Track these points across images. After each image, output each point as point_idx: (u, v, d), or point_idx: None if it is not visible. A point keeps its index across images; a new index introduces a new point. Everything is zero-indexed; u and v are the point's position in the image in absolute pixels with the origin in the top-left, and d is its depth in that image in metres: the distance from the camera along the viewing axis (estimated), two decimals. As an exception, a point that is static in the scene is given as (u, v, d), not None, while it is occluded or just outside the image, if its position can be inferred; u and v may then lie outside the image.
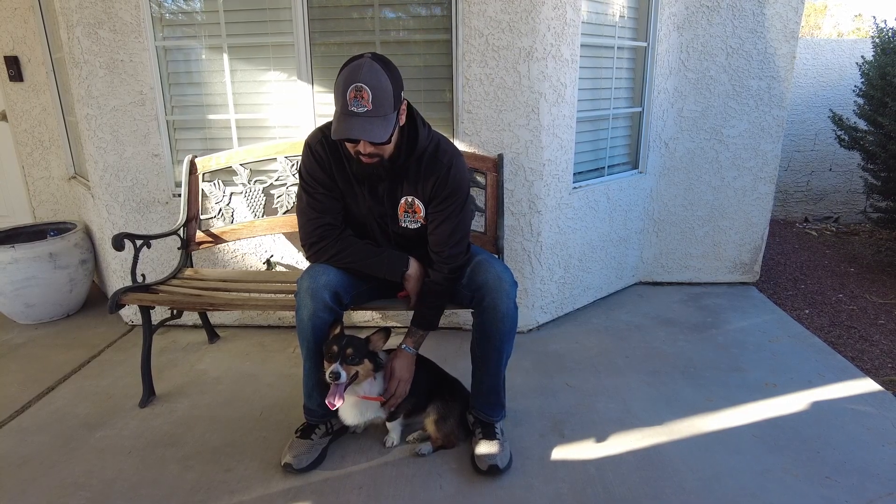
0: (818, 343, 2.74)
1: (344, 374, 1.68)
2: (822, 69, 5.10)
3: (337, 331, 1.80)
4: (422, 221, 1.87)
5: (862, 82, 4.29)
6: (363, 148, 1.67)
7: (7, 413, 2.23)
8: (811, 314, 3.19)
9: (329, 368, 1.68)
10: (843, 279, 3.76)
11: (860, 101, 4.34)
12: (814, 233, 4.93)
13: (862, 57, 4.48)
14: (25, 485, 1.82)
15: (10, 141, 3.60)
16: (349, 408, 1.83)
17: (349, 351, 1.72)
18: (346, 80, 1.59)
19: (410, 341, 1.89)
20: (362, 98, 1.58)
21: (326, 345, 1.76)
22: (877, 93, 4.06)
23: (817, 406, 2.21)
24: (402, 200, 1.85)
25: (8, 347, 2.82)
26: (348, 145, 1.71)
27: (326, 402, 1.70)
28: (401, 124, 1.73)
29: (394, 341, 1.90)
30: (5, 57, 3.35)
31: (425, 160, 1.80)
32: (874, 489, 1.76)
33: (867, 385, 2.35)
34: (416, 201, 1.85)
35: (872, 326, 3.03)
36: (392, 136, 1.67)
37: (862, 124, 4.37)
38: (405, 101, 1.72)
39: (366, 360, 1.76)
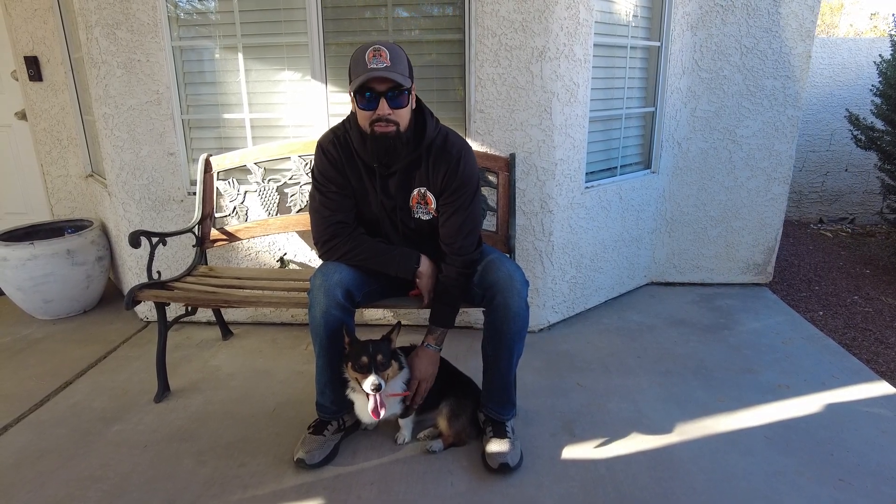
0: (832, 345, 2.72)
1: (384, 384, 1.70)
2: (838, 68, 5.03)
3: (349, 339, 1.78)
4: (434, 213, 1.89)
5: (880, 81, 4.23)
6: (382, 109, 1.69)
7: (26, 406, 2.28)
8: (825, 316, 3.16)
9: (368, 381, 1.68)
10: (859, 281, 3.72)
11: (877, 100, 4.28)
12: (828, 234, 4.87)
13: (880, 56, 4.42)
14: (44, 477, 1.86)
15: (29, 140, 3.66)
16: (367, 405, 1.84)
17: (380, 358, 1.72)
18: (363, 48, 1.69)
19: (432, 339, 1.91)
20: (380, 56, 1.67)
21: (353, 356, 1.74)
22: (895, 92, 4.00)
23: (831, 408, 2.19)
24: (415, 192, 1.86)
25: (27, 342, 2.88)
26: (363, 118, 1.73)
27: (370, 412, 1.72)
28: (413, 107, 1.77)
29: (403, 339, 1.91)
30: (25, 57, 3.41)
31: (434, 152, 1.82)
32: (889, 492, 1.74)
33: (882, 388, 2.33)
34: (428, 193, 1.86)
35: (888, 329, 2.99)
36: (409, 100, 1.73)
37: (879, 124, 4.31)
38: (414, 88, 1.77)
39: (393, 362, 1.77)
